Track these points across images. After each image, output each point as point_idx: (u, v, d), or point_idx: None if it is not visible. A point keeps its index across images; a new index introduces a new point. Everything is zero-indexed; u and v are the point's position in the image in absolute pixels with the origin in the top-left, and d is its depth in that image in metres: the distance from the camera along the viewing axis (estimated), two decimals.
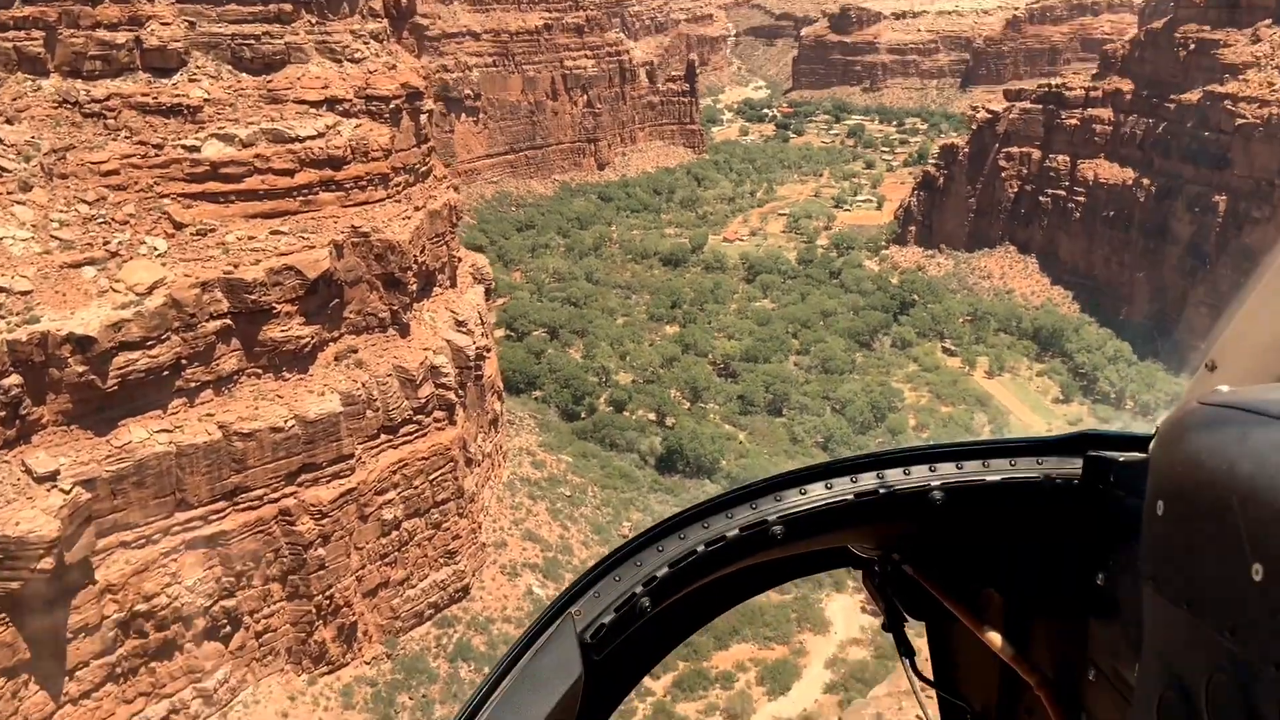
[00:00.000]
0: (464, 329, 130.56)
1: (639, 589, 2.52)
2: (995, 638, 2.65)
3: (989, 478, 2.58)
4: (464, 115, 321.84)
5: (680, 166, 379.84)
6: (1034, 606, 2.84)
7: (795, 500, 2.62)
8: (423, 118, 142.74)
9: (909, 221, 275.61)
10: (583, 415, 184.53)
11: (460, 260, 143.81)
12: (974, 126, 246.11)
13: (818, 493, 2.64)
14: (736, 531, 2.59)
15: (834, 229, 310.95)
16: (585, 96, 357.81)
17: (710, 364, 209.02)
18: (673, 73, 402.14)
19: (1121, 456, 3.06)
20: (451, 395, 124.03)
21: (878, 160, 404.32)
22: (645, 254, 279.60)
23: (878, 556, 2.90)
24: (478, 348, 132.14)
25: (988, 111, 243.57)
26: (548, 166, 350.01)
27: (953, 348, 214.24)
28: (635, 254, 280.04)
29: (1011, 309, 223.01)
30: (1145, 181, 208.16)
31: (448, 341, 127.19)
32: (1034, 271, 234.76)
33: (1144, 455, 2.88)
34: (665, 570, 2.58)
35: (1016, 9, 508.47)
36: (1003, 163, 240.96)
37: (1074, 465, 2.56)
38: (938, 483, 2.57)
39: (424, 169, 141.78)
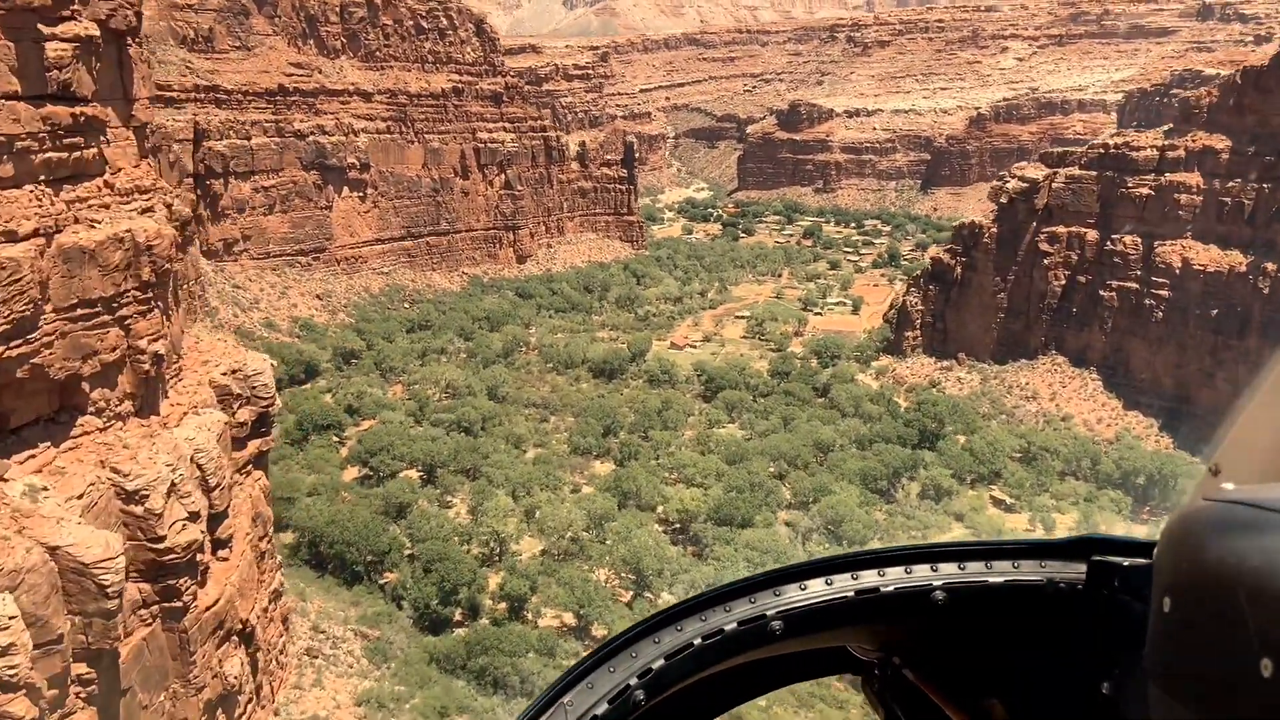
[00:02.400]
0: (137, 503, 57.94)
1: (634, 680, 2.41)
2: None
3: (992, 579, 2.50)
4: (346, 189, 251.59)
5: (616, 262, 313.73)
6: (1037, 717, 2.67)
7: (794, 596, 2.51)
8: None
9: (905, 324, 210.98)
10: (454, 622, 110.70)
11: (178, 364, 70.59)
12: (1002, 200, 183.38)
13: (818, 588, 2.54)
14: (734, 625, 2.47)
15: (807, 334, 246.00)
16: (503, 176, 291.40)
17: (661, 524, 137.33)
18: (608, 157, 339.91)
19: (1126, 561, 2.99)
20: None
21: (843, 261, 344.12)
22: (571, 362, 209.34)
23: (878, 660, 2.79)
24: (163, 550, 58.88)
25: (1021, 180, 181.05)
26: (454, 256, 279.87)
27: (1009, 499, 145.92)
28: (558, 362, 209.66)
29: (1080, 443, 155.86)
30: (1269, 267, 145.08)
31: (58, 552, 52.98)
32: (1096, 390, 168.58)
33: (1149, 560, 2.85)
34: (661, 662, 2.46)
35: (978, 107, 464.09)
36: (1045, 246, 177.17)
37: (1078, 570, 2.51)
38: (940, 582, 2.48)
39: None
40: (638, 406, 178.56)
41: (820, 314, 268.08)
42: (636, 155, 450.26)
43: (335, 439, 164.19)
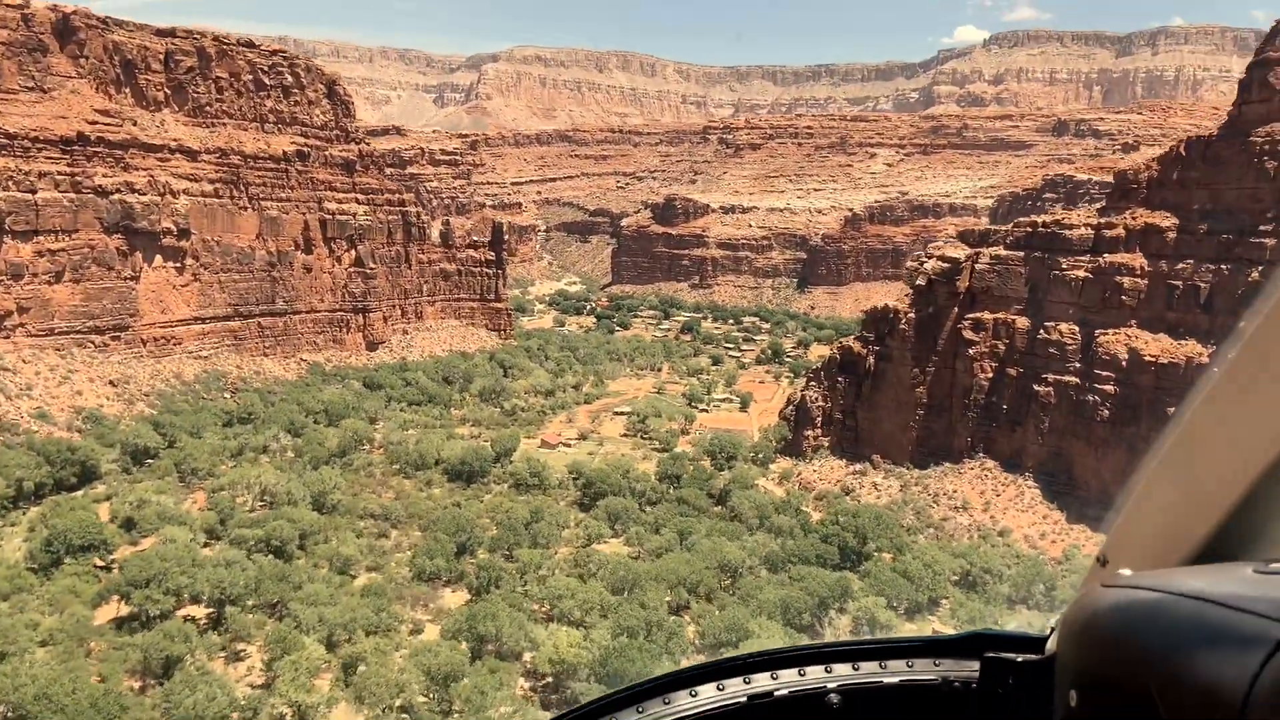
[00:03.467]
0: None
1: None
2: None
3: (886, 679, 2.41)
4: (160, 258, 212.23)
5: (481, 351, 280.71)
6: None
7: (684, 704, 2.36)
8: None
9: (805, 422, 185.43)
10: None
11: None
12: (919, 282, 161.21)
13: (708, 695, 2.40)
14: None
15: (694, 432, 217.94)
16: (354, 252, 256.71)
17: (528, 679, 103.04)
18: (475, 239, 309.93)
19: (1020, 657, 2.95)
20: None
21: (725, 357, 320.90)
22: (422, 463, 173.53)
23: None
24: None
25: (941, 260, 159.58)
26: (292, 340, 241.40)
27: (953, 631, 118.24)
28: (406, 463, 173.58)
29: (1027, 564, 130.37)
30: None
31: None
32: (1035, 500, 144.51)
33: (1041, 656, 2.83)
34: None
35: (851, 208, 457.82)
36: (969, 334, 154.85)
37: (972, 668, 2.46)
38: (834, 684, 2.39)
39: None
40: (501, 517, 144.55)
41: (707, 410, 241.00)
42: (506, 245, 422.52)
43: (97, 564, 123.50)
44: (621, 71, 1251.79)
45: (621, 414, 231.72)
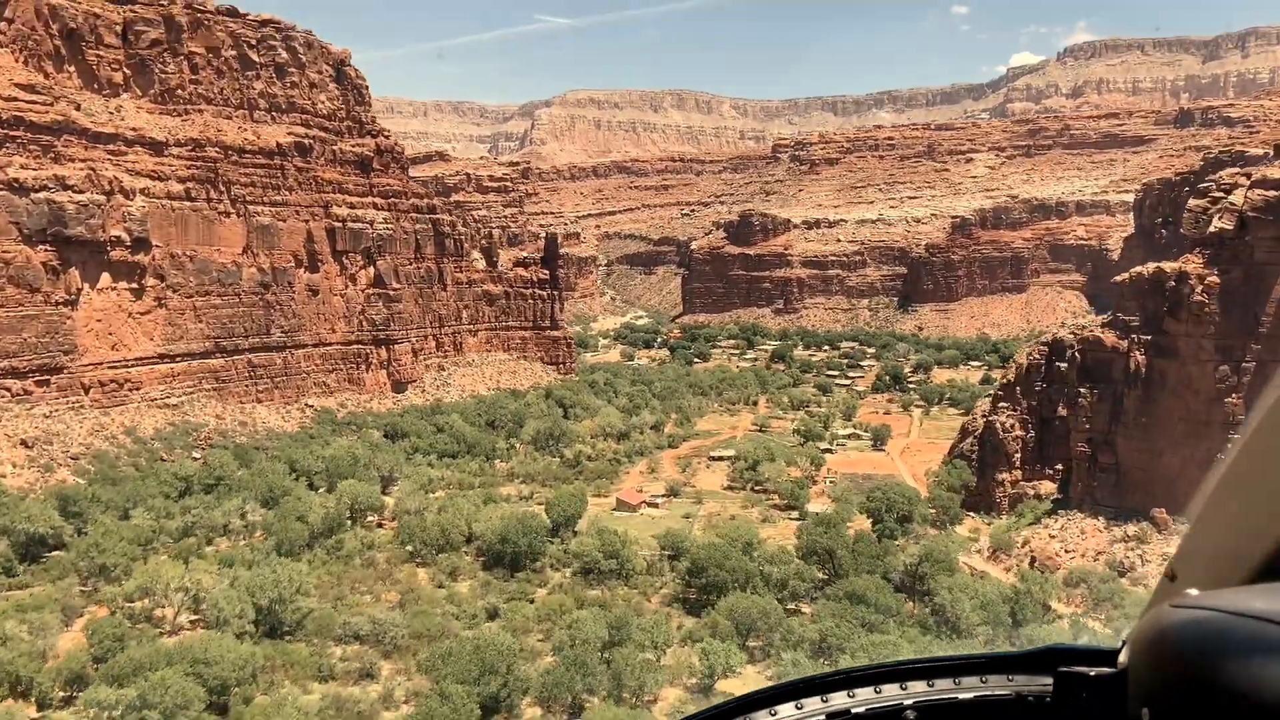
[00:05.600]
0: None
1: None
2: None
3: (961, 695, 2.45)
4: (108, 276, 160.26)
5: (535, 389, 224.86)
6: None
7: None
8: None
9: (996, 462, 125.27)
10: None
11: None
12: (1219, 226, 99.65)
13: (787, 712, 2.43)
14: None
15: (826, 480, 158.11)
16: (372, 269, 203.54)
17: None
18: (524, 256, 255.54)
19: (1093, 671, 2.98)
20: None
21: (832, 385, 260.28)
22: (447, 543, 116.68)
23: None
24: None
25: (1261, 187, 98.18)
26: (294, 382, 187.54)
27: None
28: (424, 542, 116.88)
29: None
30: None
31: None
32: None
33: (1113, 669, 2.86)
34: None
35: (954, 215, 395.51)
36: None
37: (1045, 682, 2.49)
38: (910, 701, 2.42)
39: None
40: (561, 636, 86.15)
41: (832, 451, 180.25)
42: (564, 277, 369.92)
43: None
44: (676, 110, 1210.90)
45: (720, 459, 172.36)
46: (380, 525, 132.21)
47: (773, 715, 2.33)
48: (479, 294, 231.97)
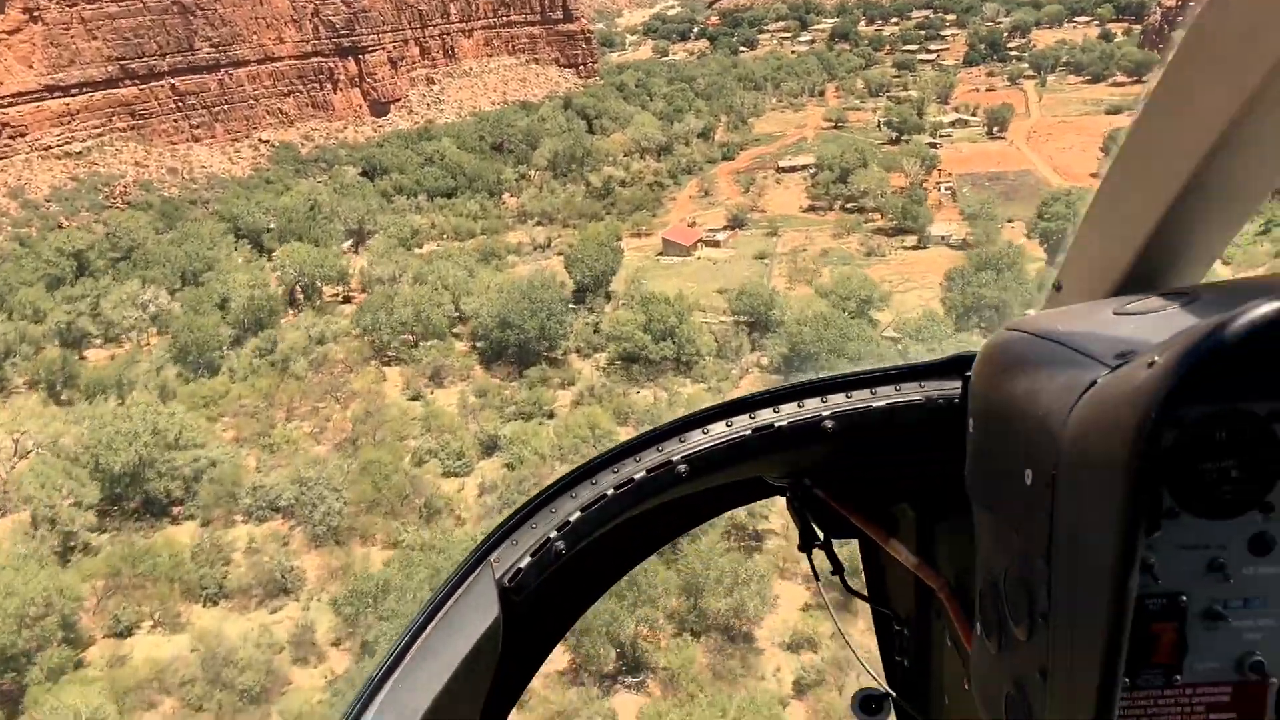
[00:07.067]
0: None
1: (553, 533, 2.53)
2: (899, 548, 2.76)
3: (876, 404, 2.64)
4: None
5: (552, 98, 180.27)
6: (934, 517, 2.84)
7: (698, 439, 2.62)
8: None
9: None
10: None
11: None
12: None
13: (719, 431, 2.64)
14: (644, 473, 2.60)
15: (939, 188, 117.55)
16: None
17: None
18: None
19: None
20: None
21: (915, 63, 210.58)
22: (428, 330, 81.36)
23: (789, 484, 2.84)
24: None
25: None
26: (240, 111, 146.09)
27: None
28: (395, 331, 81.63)
29: None
30: None
31: None
32: None
33: None
34: (577, 514, 2.58)
35: None
36: None
37: (954, 385, 2.61)
38: (828, 412, 2.62)
39: None
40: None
41: (936, 145, 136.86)
42: None
43: None
44: None
45: (793, 169, 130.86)
46: (348, 300, 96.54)
47: (705, 433, 2.58)
48: None
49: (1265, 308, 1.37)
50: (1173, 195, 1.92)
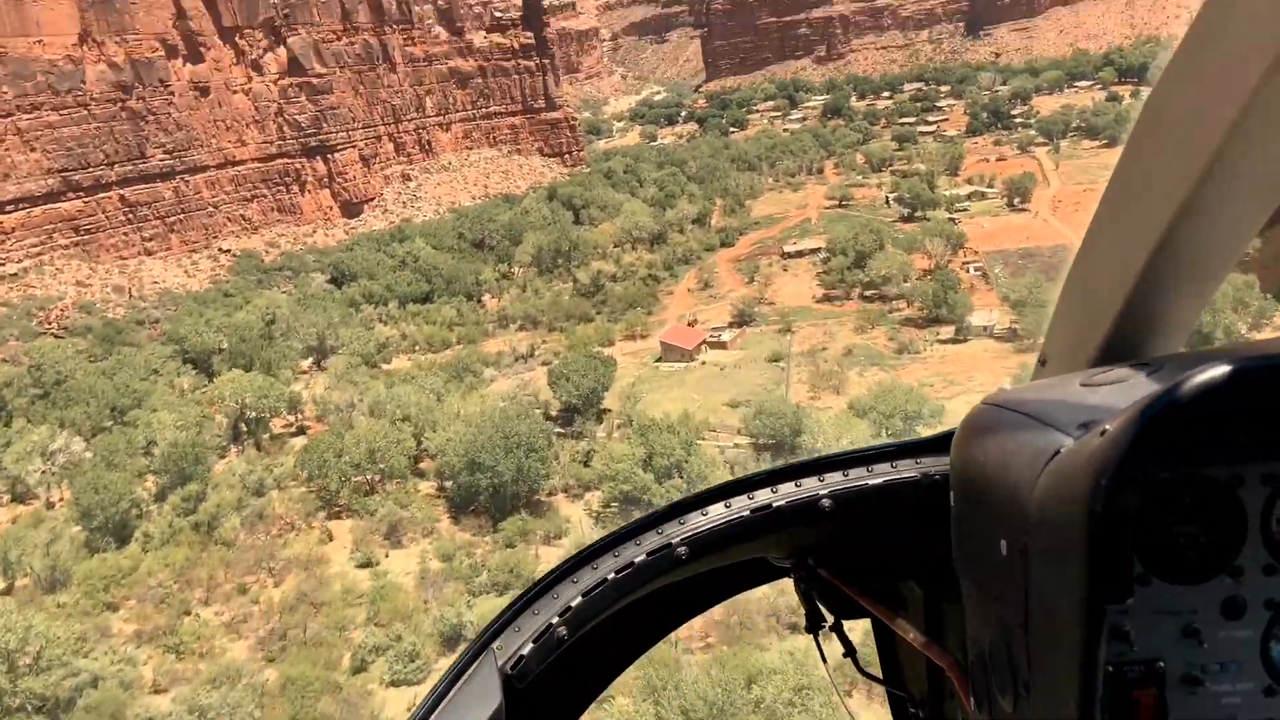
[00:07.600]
0: None
1: (555, 619, 2.53)
2: (907, 628, 2.74)
3: (872, 481, 2.68)
4: None
5: (536, 189, 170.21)
6: (941, 595, 2.84)
7: (697, 521, 2.65)
8: None
9: None
10: None
11: None
12: None
13: (717, 512, 2.67)
14: (644, 556, 2.63)
15: (968, 269, 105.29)
16: (283, 51, 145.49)
17: None
18: (499, 15, 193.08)
19: None
20: None
21: (914, 135, 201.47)
22: (390, 471, 67.68)
23: (793, 565, 2.88)
24: None
25: None
26: (195, 220, 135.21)
27: None
28: (346, 476, 68.04)
29: None
30: None
31: None
32: None
33: None
34: (579, 600, 2.59)
35: None
36: None
37: (947, 462, 2.64)
38: (825, 491, 2.66)
39: None
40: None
41: (954, 221, 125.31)
42: (564, 57, 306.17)
43: None
44: None
45: (800, 254, 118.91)
46: (302, 432, 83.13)
47: (704, 515, 2.60)
48: (444, 73, 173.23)
49: (1213, 371, 1.39)
50: (1140, 267, 1.92)
